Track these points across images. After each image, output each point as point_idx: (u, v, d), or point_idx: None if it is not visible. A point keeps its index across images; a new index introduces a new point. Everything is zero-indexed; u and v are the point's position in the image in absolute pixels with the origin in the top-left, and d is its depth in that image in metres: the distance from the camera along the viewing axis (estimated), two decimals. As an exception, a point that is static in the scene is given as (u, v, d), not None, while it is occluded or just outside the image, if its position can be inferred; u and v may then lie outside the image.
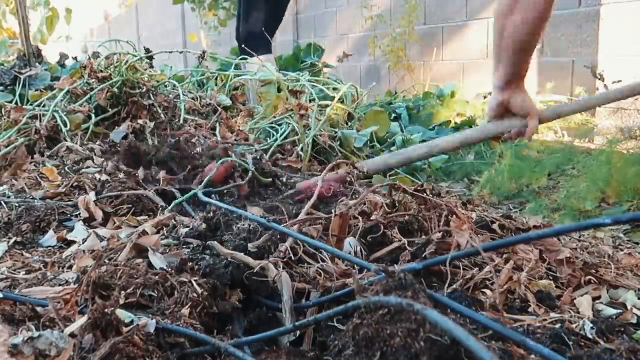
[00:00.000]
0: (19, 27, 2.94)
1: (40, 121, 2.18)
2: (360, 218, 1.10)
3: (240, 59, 2.91)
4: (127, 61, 2.41)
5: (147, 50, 2.63)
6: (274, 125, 2.34)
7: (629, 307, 0.98)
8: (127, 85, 2.36)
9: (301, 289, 0.94)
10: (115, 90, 2.33)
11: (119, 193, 1.59)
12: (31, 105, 2.37)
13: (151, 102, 2.33)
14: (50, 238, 1.41)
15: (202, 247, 1.15)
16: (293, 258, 1.01)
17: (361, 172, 1.53)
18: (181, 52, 3.45)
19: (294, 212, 1.29)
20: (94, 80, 2.37)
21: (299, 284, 0.95)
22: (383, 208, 1.15)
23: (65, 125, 2.18)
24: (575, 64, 3.40)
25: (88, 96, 2.34)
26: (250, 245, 1.03)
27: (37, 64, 2.85)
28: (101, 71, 2.37)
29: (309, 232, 1.08)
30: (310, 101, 2.33)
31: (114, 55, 2.44)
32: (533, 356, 0.74)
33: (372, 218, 1.11)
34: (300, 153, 2.05)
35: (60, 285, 1.07)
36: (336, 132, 2.23)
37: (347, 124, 2.41)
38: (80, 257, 1.22)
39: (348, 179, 1.47)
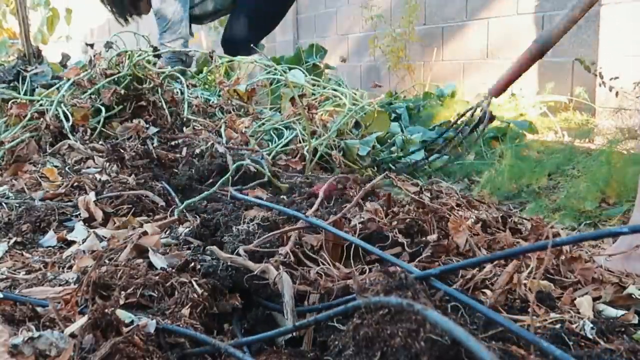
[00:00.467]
0: (19, 27, 2.93)
1: (46, 114, 2.17)
2: (358, 225, 1.10)
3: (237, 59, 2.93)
4: (137, 56, 2.39)
5: (155, 49, 2.63)
6: (279, 127, 2.34)
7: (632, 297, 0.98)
8: (135, 80, 2.35)
9: (302, 290, 0.94)
10: (122, 91, 2.32)
11: (119, 193, 1.59)
12: (31, 99, 2.35)
13: (156, 98, 2.32)
14: (50, 238, 1.41)
15: (203, 247, 1.15)
16: (293, 260, 1.01)
17: None
18: (189, 52, 3.47)
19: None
20: (101, 74, 2.35)
21: (300, 285, 0.94)
22: (381, 214, 1.15)
23: (68, 120, 2.17)
24: (575, 64, 3.40)
25: (93, 88, 2.32)
26: (241, 250, 1.03)
27: (38, 64, 2.85)
28: (110, 68, 2.36)
29: (309, 241, 1.07)
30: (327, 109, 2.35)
31: (125, 53, 2.43)
32: (533, 356, 0.74)
33: (369, 225, 1.11)
34: (306, 154, 2.04)
35: (60, 285, 1.07)
36: (339, 143, 2.22)
37: (352, 132, 2.41)
38: (80, 257, 1.22)
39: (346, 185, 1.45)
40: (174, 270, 1.00)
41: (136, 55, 2.39)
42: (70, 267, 1.20)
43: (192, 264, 1.02)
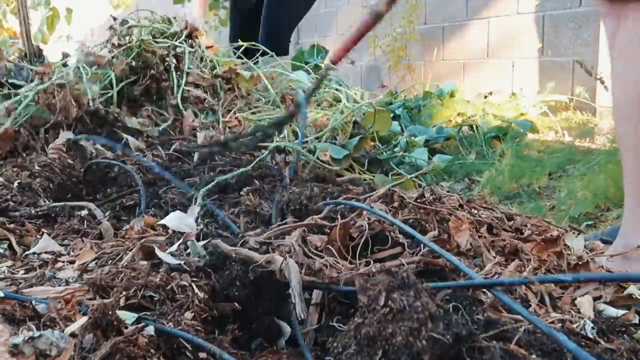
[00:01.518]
0: (19, 27, 2.94)
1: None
2: (363, 226, 1.09)
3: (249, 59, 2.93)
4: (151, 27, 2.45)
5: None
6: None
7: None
8: (147, 50, 2.38)
9: (308, 281, 0.92)
10: (133, 62, 2.36)
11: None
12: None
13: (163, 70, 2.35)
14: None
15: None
16: (298, 250, 1.00)
17: None
18: (189, 52, 3.46)
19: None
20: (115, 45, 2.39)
21: (305, 275, 0.93)
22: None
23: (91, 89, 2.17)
24: (575, 64, 3.40)
25: (110, 55, 2.36)
26: (252, 240, 1.02)
27: (38, 64, 2.85)
28: (123, 37, 2.41)
29: (313, 241, 1.07)
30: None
31: (134, 27, 2.47)
32: (534, 356, 0.74)
33: (373, 225, 1.11)
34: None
35: (60, 285, 1.07)
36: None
37: (350, 131, 2.40)
38: (81, 256, 1.22)
39: None
40: (176, 272, 0.99)
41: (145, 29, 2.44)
42: (71, 263, 1.20)
43: (200, 262, 1.01)
